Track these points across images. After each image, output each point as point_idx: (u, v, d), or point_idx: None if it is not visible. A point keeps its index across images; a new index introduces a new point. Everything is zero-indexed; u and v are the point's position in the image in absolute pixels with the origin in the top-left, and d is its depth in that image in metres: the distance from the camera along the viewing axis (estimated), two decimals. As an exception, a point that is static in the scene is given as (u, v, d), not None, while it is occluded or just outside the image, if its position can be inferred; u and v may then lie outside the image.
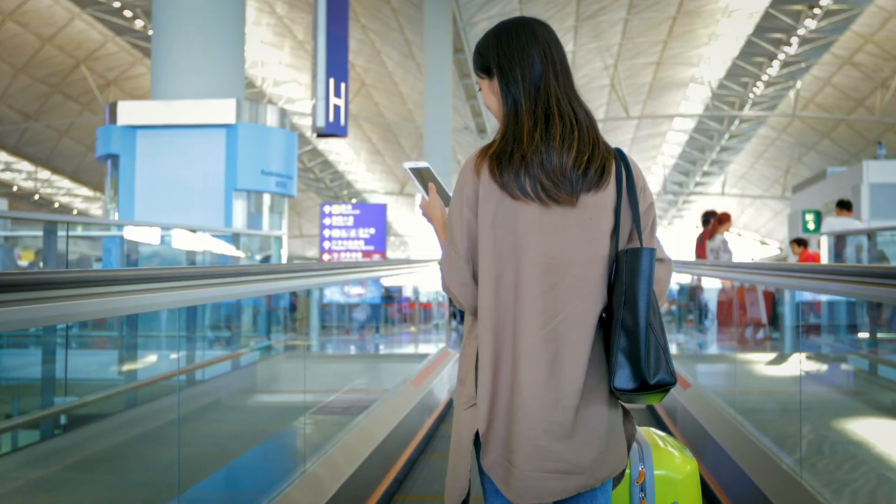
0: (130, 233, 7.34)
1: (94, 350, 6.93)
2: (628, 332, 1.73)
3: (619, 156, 1.80)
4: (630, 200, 1.79)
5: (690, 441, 4.87)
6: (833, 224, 9.02)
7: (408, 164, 2.01)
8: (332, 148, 39.85)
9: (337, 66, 12.46)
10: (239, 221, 8.82)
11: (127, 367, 6.18)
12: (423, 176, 2.01)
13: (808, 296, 6.47)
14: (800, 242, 11.11)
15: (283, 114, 9.23)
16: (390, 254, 50.00)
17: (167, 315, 5.23)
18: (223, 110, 8.69)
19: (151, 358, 6.34)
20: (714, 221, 8.91)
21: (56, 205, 43.45)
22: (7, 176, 39.84)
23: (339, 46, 12.48)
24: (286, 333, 8.05)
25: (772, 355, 7.10)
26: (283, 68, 31.23)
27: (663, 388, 1.75)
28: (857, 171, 16.36)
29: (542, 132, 1.76)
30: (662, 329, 1.78)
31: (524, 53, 1.81)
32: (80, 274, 1.91)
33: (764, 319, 6.99)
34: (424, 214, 2.00)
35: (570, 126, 1.77)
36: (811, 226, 18.15)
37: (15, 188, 40.84)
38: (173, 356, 5.57)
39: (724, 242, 8.70)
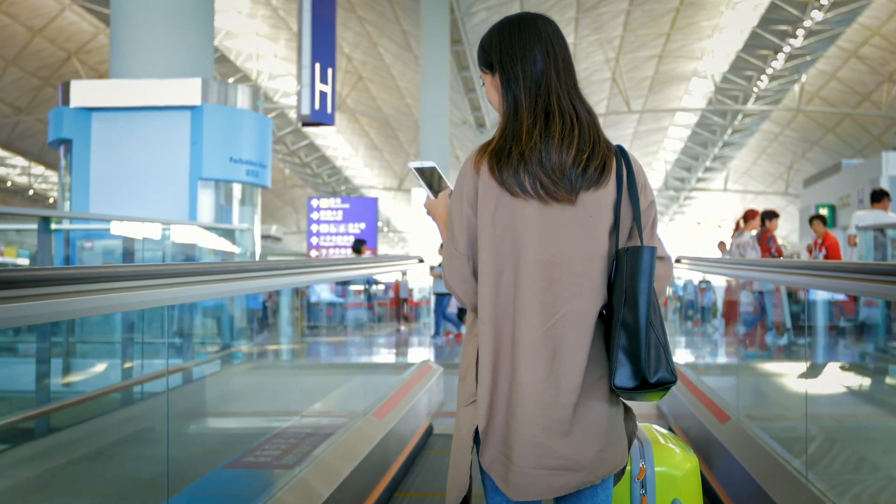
0: (118, 227, 6.52)
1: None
2: (628, 331, 1.74)
3: (620, 153, 1.80)
4: (630, 198, 1.79)
5: None
6: (865, 217, 8.13)
7: (413, 164, 2.01)
8: (329, 143, 39.52)
9: (323, 51, 11.76)
10: (206, 214, 8.03)
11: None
12: (429, 175, 2.00)
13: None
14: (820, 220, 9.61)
15: (256, 94, 8.39)
16: (389, 250, 49.64)
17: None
18: (187, 90, 7.92)
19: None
20: (740, 220, 9.02)
21: (51, 200, 43.05)
22: (1, 171, 39.43)
23: (326, 29, 11.80)
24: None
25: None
26: (278, 61, 30.79)
27: (664, 386, 1.74)
28: (875, 163, 15.74)
29: (541, 129, 1.76)
30: (663, 327, 1.77)
31: (526, 50, 1.81)
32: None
33: (788, 323, 6.40)
34: (429, 213, 2.00)
35: (570, 124, 1.77)
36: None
37: (9, 183, 40.45)
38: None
39: (753, 239, 8.65)
